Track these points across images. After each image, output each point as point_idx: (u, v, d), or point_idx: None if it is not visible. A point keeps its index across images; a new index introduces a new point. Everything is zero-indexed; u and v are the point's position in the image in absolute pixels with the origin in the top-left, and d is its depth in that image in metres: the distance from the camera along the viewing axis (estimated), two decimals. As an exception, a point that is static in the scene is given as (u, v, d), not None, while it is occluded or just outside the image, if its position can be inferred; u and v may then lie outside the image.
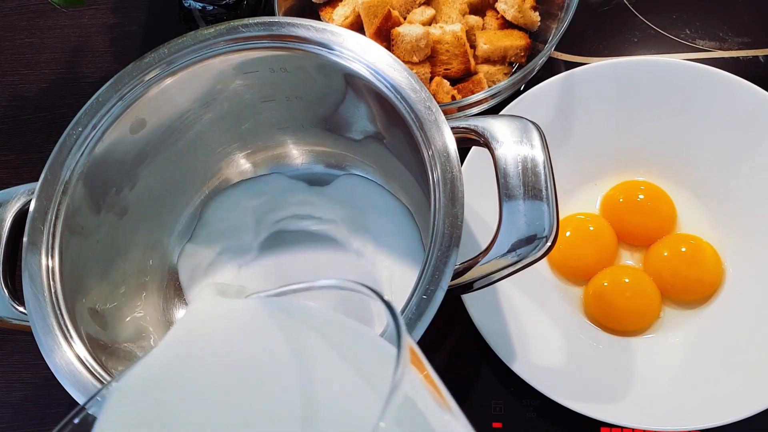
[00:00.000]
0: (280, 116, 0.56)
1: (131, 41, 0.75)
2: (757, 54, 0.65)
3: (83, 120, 0.47)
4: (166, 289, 0.56)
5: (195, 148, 0.56)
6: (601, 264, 0.56)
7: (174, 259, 0.57)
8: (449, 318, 0.57)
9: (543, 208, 0.40)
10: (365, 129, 0.55)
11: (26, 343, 0.62)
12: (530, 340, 0.51)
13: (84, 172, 0.46)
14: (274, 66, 0.49)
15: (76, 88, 0.73)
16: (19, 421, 0.60)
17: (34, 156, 0.71)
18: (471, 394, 0.55)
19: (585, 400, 0.49)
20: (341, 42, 0.46)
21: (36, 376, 0.61)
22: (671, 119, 0.57)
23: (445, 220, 0.40)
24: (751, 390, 0.48)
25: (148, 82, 0.47)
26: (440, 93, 0.59)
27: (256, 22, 0.47)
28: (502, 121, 0.43)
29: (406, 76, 0.44)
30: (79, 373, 0.41)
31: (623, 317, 0.54)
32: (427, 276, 0.39)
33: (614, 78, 0.57)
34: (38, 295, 0.43)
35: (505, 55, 0.62)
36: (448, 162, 0.41)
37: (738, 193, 0.55)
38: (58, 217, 0.45)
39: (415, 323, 0.38)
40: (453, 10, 0.62)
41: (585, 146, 0.58)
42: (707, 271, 0.54)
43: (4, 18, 0.78)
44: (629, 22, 0.68)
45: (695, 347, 0.52)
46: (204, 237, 0.57)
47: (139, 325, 0.53)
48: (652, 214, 0.57)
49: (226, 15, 0.67)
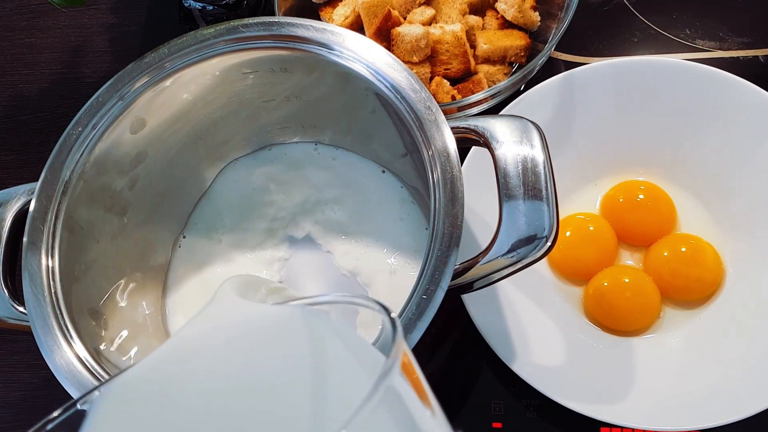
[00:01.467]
0: (280, 116, 0.56)
1: (131, 41, 0.75)
2: (757, 54, 0.65)
3: (83, 120, 0.47)
4: (167, 288, 0.56)
5: (195, 148, 0.56)
6: (601, 264, 0.56)
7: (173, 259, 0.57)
8: (449, 318, 0.57)
9: (543, 208, 0.40)
10: (366, 129, 0.55)
11: (26, 343, 0.61)
12: (530, 340, 0.51)
13: (84, 172, 0.46)
14: (274, 66, 0.49)
15: (76, 88, 0.73)
16: (19, 421, 0.60)
17: (34, 156, 0.71)
18: (471, 394, 0.55)
19: (585, 400, 0.49)
20: (341, 42, 0.46)
21: (36, 376, 0.61)
22: (671, 119, 0.57)
23: (445, 220, 0.40)
24: (751, 390, 0.48)
25: (148, 82, 0.47)
26: (440, 93, 0.59)
27: (256, 22, 0.47)
28: (502, 121, 0.43)
29: (406, 76, 0.44)
30: (79, 373, 0.41)
31: (623, 317, 0.54)
32: (427, 276, 0.39)
33: (614, 78, 0.57)
34: (38, 295, 0.43)
35: (505, 55, 0.62)
36: (448, 162, 0.41)
37: (738, 192, 0.55)
38: (58, 217, 0.45)
39: (415, 323, 0.38)
40: (453, 10, 0.62)
41: (585, 146, 0.58)
42: (707, 271, 0.54)
43: (4, 18, 0.78)
44: (629, 22, 0.68)
45: (695, 347, 0.52)
46: (203, 231, 0.58)
47: (140, 325, 0.53)
48: (652, 214, 0.57)
49: (226, 15, 0.67)
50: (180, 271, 0.57)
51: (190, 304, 0.55)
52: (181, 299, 0.56)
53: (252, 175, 0.59)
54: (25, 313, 0.43)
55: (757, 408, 0.47)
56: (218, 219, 0.58)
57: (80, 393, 0.40)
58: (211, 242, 0.57)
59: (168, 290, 0.56)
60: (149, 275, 0.55)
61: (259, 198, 0.58)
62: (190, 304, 0.55)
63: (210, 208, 0.59)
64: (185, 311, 0.55)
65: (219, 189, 0.59)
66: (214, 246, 0.57)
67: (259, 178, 0.59)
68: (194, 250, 0.57)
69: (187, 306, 0.55)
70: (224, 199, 0.59)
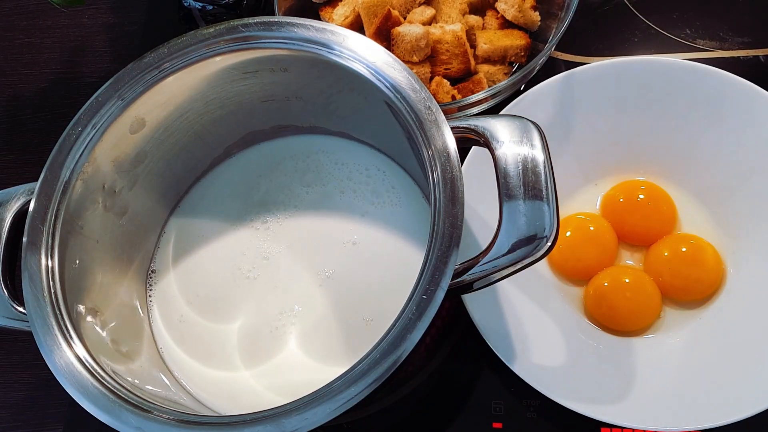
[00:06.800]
0: (280, 116, 0.56)
1: (131, 41, 0.75)
2: (758, 54, 0.65)
3: (83, 120, 0.47)
4: (167, 288, 0.56)
5: (195, 148, 0.56)
6: (602, 264, 0.56)
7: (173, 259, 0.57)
8: (449, 318, 0.57)
9: (543, 208, 0.40)
10: (366, 129, 0.55)
11: (26, 343, 0.62)
12: (530, 340, 0.51)
13: (84, 172, 0.46)
14: (274, 66, 0.49)
15: (76, 88, 0.73)
16: (19, 421, 0.60)
17: (34, 156, 0.71)
18: (471, 394, 0.55)
19: (585, 400, 0.49)
20: (341, 42, 0.46)
21: (36, 376, 0.61)
22: (671, 119, 0.57)
23: (445, 220, 0.40)
24: (751, 390, 0.48)
25: (148, 82, 0.47)
26: (440, 93, 0.59)
27: (256, 21, 0.47)
28: (502, 121, 0.43)
29: (406, 75, 0.44)
30: (79, 373, 0.41)
31: (623, 317, 0.54)
32: (427, 276, 0.39)
33: (614, 78, 0.57)
34: (38, 295, 0.43)
35: (505, 55, 0.62)
36: (448, 162, 0.41)
37: (738, 192, 0.55)
38: (57, 217, 0.45)
39: (415, 323, 0.38)
40: (453, 9, 0.62)
41: (585, 146, 0.58)
42: (707, 271, 0.54)
43: (4, 18, 0.78)
44: (629, 22, 0.68)
45: (695, 347, 0.52)
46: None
47: (139, 325, 0.53)
48: (652, 214, 0.57)
49: (225, 15, 0.67)
50: (179, 271, 0.57)
51: (189, 304, 0.55)
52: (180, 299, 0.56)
53: (252, 175, 0.59)
54: (25, 313, 0.43)
55: (757, 408, 0.47)
56: (218, 219, 0.58)
57: (80, 393, 0.40)
58: (210, 242, 0.57)
59: (168, 290, 0.56)
60: (149, 275, 0.55)
61: (258, 198, 0.58)
62: (189, 305, 0.55)
63: (210, 208, 0.59)
64: (184, 312, 0.55)
65: (219, 189, 0.59)
66: (212, 246, 0.57)
67: (259, 178, 0.59)
68: (194, 250, 0.57)
69: (185, 307, 0.55)
70: (224, 199, 0.59)
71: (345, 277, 0.54)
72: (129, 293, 0.53)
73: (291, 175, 0.58)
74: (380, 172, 0.57)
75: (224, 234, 0.57)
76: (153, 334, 0.54)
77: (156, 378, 0.49)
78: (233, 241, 0.57)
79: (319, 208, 0.57)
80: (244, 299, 0.54)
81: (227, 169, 0.60)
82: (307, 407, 0.37)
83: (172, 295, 0.55)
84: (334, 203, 0.56)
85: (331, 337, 0.52)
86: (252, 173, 0.59)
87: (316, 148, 0.59)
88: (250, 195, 0.58)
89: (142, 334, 0.53)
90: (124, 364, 0.46)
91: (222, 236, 0.57)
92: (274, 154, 0.59)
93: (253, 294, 0.54)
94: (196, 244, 0.57)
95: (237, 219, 0.57)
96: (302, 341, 0.52)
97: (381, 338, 0.38)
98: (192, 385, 0.51)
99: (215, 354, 0.53)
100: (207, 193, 0.59)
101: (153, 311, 0.55)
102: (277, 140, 0.60)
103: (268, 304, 0.54)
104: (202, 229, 0.58)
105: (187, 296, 0.55)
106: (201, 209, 0.59)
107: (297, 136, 0.59)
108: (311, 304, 0.53)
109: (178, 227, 0.58)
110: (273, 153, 0.59)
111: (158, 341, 0.53)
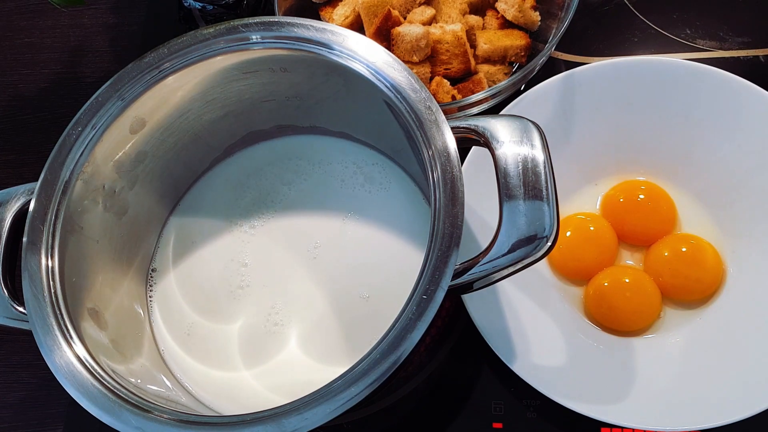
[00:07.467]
0: (280, 116, 0.56)
1: (131, 41, 0.75)
2: (758, 54, 0.65)
3: (83, 120, 0.47)
4: (167, 288, 0.56)
5: (195, 148, 0.56)
6: (602, 264, 0.56)
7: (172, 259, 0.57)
8: (449, 318, 0.57)
9: (543, 208, 0.40)
10: (366, 128, 0.55)
11: (26, 343, 0.62)
12: (530, 340, 0.51)
13: (84, 172, 0.46)
14: (274, 66, 0.49)
15: (76, 88, 0.73)
16: (19, 421, 0.60)
17: (34, 156, 0.71)
18: (471, 394, 0.55)
19: (585, 400, 0.49)
20: (341, 42, 0.46)
21: (36, 376, 0.61)
22: (672, 119, 0.57)
23: (445, 220, 0.40)
24: (751, 390, 0.48)
25: (148, 82, 0.47)
26: (440, 93, 0.59)
27: (256, 21, 0.47)
28: (502, 121, 0.43)
29: (406, 75, 0.44)
30: (79, 373, 0.41)
31: (623, 317, 0.54)
32: (427, 276, 0.39)
33: (614, 78, 0.57)
34: (38, 295, 0.43)
35: (505, 55, 0.62)
36: (448, 162, 0.41)
37: (738, 192, 0.55)
38: (57, 217, 0.45)
39: (415, 323, 0.38)
40: (453, 9, 0.62)
41: (585, 146, 0.58)
42: (707, 271, 0.54)
43: (4, 18, 0.78)
44: (629, 22, 0.68)
45: (695, 347, 0.52)
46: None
47: (139, 325, 0.53)
48: (652, 214, 0.57)
49: (225, 15, 0.67)
50: (179, 272, 0.57)
51: (190, 304, 0.55)
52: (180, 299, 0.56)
53: (251, 175, 0.59)
54: (25, 313, 0.43)
55: (757, 408, 0.47)
56: (218, 218, 0.58)
57: (80, 393, 0.40)
58: (210, 241, 0.57)
59: (168, 290, 0.56)
60: (149, 275, 0.55)
61: (258, 197, 0.58)
62: (188, 305, 0.55)
63: (210, 207, 0.59)
64: (184, 312, 0.55)
65: (219, 188, 0.59)
66: (213, 245, 0.57)
67: (258, 178, 0.59)
68: (194, 249, 0.57)
69: (186, 307, 0.55)
70: (224, 198, 0.59)
71: (345, 277, 0.54)
72: (129, 293, 0.53)
73: (290, 175, 0.58)
74: (380, 171, 0.57)
75: (224, 233, 0.57)
76: (153, 335, 0.54)
77: (156, 378, 0.49)
78: (233, 239, 0.57)
79: (318, 207, 0.57)
80: (245, 299, 0.54)
81: (227, 168, 0.60)
82: (307, 407, 0.37)
83: (172, 295, 0.55)
84: (333, 202, 0.56)
85: (332, 337, 0.52)
86: (252, 173, 0.59)
87: (316, 147, 0.59)
88: (249, 194, 0.58)
89: (143, 335, 0.53)
90: (124, 364, 0.46)
91: (222, 235, 0.57)
92: (274, 154, 0.59)
93: (253, 293, 0.54)
94: (196, 243, 0.57)
95: (237, 218, 0.57)
96: (302, 341, 0.52)
97: (381, 338, 0.38)
98: (192, 385, 0.51)
99: (216, 354, 0.53)
100: (207, 192, 0.59)
101: (153, 311, 0.55)
102: (277, 140, 0.60)
103: (269, 304, 0.54)
104: (203, 228, 0.58)
105: (187, 296, 0.55)
106: (201, 209, 0.59)
107: (297, 136, 0.59)
108: (312, 302, 0.53)
109: (178, 227, 0.58)
110: (273, 153, 0.59)
111: (159, 341, 0.53)
